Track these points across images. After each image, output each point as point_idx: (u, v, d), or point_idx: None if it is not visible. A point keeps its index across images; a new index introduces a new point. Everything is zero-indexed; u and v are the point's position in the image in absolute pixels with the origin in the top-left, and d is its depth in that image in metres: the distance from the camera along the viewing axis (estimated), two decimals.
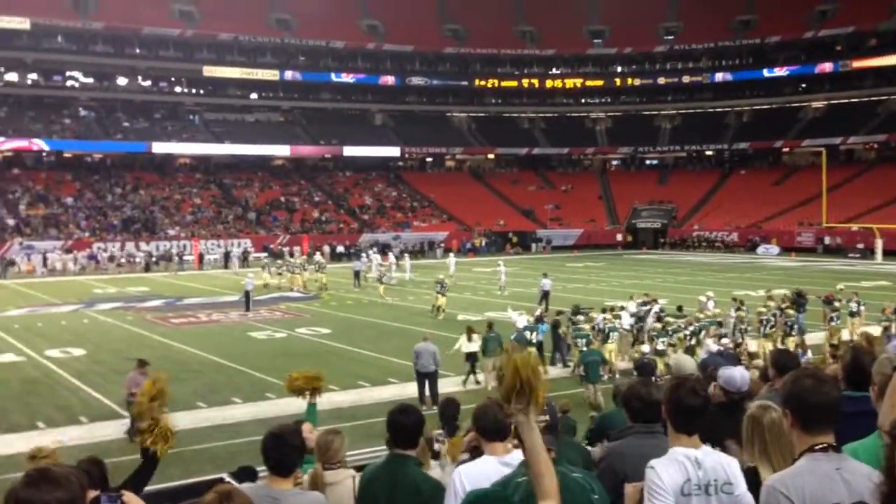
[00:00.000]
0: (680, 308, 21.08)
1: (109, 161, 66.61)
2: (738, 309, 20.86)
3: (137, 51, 67.97)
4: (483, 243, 61.60)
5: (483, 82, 78.67)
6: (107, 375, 19.12)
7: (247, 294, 30.32)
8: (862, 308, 21.69)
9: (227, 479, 9.01)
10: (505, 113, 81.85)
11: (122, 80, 69.47)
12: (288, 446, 3.98)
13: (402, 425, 4.32)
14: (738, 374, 5.31)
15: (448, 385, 17.21)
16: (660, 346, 18.28)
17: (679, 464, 3.41)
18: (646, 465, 3.49)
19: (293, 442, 4.02)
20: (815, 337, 20.85)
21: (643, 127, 78.90)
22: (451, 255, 46.14)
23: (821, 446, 2.87)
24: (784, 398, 3.03)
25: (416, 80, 77.13)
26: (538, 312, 22.00)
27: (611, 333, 18.63)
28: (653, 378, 14.96)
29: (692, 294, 25.72)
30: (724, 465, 3.44)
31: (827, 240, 55.49)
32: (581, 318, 19.71)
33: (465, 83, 78.42)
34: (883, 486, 2.13)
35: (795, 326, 19.87)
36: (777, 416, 3.47)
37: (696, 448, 3.49)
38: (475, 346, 18.02)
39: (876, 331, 19.81)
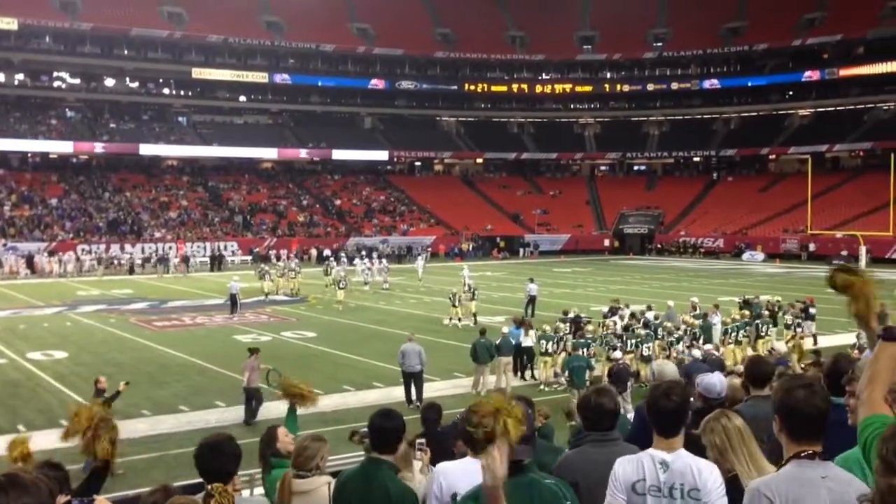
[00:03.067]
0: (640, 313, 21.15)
1: (95, 162, 66.30)
2: (701, 315, 20.93)
3: (125, 52, 67.66)
4: (470, 248, 61.63)
5: (473, 87, 78.76)
6: (88, 378, 18.90)
7: (232, 297, 30.01)
8: (802, 321, 20.93)
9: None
10: (494, 118, 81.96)
11: (109, 82, 69.17)
12: (224, 455, 3.93)
13: (381, 429, 4.30)
14: (716, 380, 5.30)
15: (433, 390, 17.19)
16: (645, 352, 18.31)
17: (638, 462, 3.47)
18: (596, 472, 3.59)
19: (229, 450, 3.98)
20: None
21: (631, 133, 79.19)
22: (420, 258, 45.95)
23: (807, 453, 2.87)
24: (776, 406, 3.04)
25: (406, 84, 77.14)
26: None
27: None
28: (627, 385, 14.94)
29: (677, 300, 25.77)
30: (694, 470, 3.44)
31: (811, 246, 55.74)
32: (590, 327, 19.70)
33: (454, 87, 78.48)
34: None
35: (741, 333, 19.80)
36: (741, 422, 3.55)
37: (670, 450, 3.49)
38: (530, 340, 18.95)
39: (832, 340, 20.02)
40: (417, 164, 79.59)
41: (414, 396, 16.29)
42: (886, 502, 1.93)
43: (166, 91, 71.81)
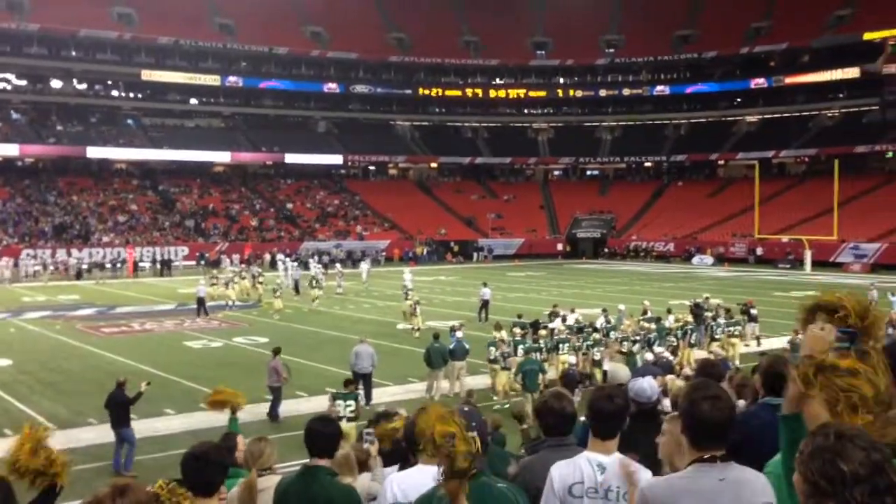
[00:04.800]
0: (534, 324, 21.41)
1: (42, 165, 64.82)
2: (654, 318, 21.25)
3: (73, 53, 66.34)
4: (425, 252, 61.62)
5: (427, 91, 78.80)
6: (33, 386, 18.56)
7: (200, 300, 30.49)
8: (745, 322, 21.36)
9: None
10: (448, 122, 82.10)
11: (56, 83, 67.64)
12: (212, 465, 3.87)
13: (320, 435, 4.28)
14: (647, 385, 5.29)
15: (387, 394, 17.16)
16: (596, 356, 18.48)
17: (576, 465, 3.51)
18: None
19: (217, 460, 3.91)
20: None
21: (584, 138, 79.95)
22: (364, 263, 46.00)
23: (707, 457, 2.86)
24: (680, 411, 2.99)
25: (360, 88, 76.89)
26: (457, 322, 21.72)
27: (560, 345, 18.61)
28: (576, 388, 15.10)
29: (630, 303, 26.07)
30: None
31: (759, 250, 56.79)
32: (543, 331, 19.75)
33: (408, 92, 78.41)
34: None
35: (695, 335, 20.07)
36: None
37: (606, 453, 3.53)
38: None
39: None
40: (372, 168, 79.35)
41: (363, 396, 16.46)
42: None
43: (115, 93, 70.53)
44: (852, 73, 66.48)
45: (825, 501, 1.89)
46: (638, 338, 19.27)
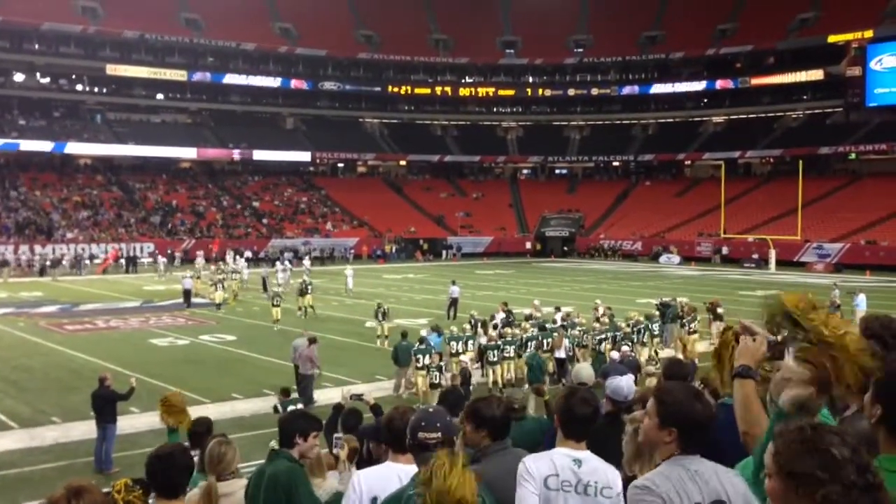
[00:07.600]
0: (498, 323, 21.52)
1: (4, 160, 63.67)
2: (609, 317, 21.43)
3: (36, 46, 65.24)
4: (393, 250, 61.52)
5: (396, 89, 78.64)
6: None
7: (186, 292, 31.83)
8: (688, 321, 21.24)
9: None
10: (417, 120, 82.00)
11: (19, 77, 66.54)
12: (176, 467, 3.88)
13: (281, 427, 4.62)
14: (624, 383, 5.33)
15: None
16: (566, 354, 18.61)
17: (550, 460, 3.51)
18: (506, 479, 3.54)
19: (181, 462, 3.92)
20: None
21: (553, 137, 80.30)
22: (305, 259, 46.19)
23: (683, 451, 2.91)
24: (672, 418, 2.94)
25: (329, 85, 76.54)
26: (435, 324, 21.62)
27: (528, 343, 18.65)
28: (469, 387, 15.23)
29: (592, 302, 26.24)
30: (605, 470, 3.53)
31: (724, 250, 57.46)
32: (508, 329, 19.76)
33: (378, 89, 78.20)
34: None
35: (648, 334, 19.96)
36: None
37: (579, 451, 3.56)
38: (485, 339, 18.81)
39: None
40: (340, 165, 79.04)
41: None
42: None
43: (79, 87, 69.53)
44: (816, 75, 67.51)
45: (817, 491, 1.91)
46: (603, 336, 19.41)
